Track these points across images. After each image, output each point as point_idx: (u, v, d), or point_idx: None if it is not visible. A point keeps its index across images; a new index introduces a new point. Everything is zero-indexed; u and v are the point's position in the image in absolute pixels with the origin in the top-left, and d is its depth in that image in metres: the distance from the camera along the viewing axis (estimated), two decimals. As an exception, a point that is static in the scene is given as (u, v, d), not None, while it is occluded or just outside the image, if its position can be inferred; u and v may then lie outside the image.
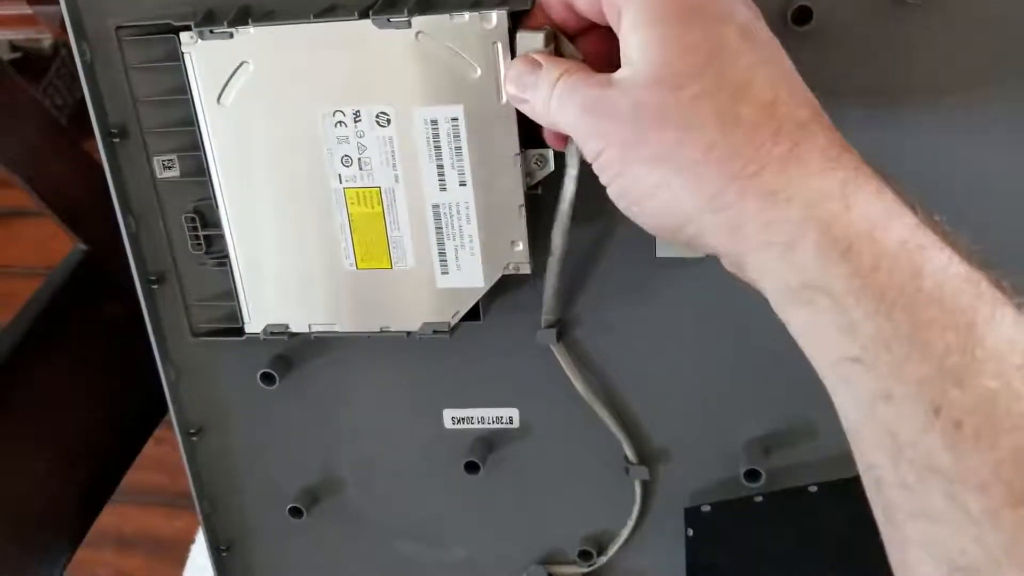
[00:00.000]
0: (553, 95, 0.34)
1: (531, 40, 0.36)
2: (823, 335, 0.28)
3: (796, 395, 0.45)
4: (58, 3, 0.40)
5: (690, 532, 0.47)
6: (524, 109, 0.36)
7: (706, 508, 0.47)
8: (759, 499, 0.46)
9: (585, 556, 0.50)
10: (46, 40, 1.39)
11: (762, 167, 0.29)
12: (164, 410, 0.73)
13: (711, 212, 0.30)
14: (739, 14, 0.31)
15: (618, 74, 0.32)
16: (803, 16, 0.38)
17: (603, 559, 0.49)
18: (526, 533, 0.50)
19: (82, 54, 0.41)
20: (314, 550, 0.52)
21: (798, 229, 0.28)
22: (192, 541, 0.63)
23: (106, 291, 0.62)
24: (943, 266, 0.27)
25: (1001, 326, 0.26)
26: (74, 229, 0.59)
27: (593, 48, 0.36)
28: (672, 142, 0.30)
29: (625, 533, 0.49)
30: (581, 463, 0.48)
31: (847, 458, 0.45)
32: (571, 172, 0.38)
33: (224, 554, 0.52)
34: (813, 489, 0.45)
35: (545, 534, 0.50)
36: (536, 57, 0.35)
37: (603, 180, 0.33)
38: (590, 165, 0.34)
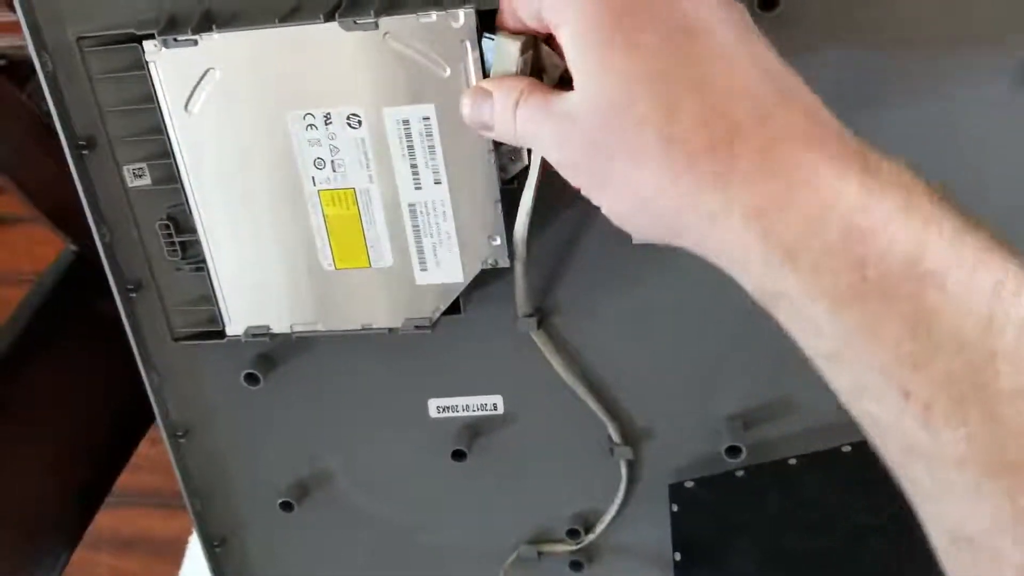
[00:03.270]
0: (517, 123, 0.34)
1: (508, 46, 0.35)
2: (798, 334, 0.29)
3: (775, 370, 0.45)
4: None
5: (675, 508, 0.48)
6: (490, 136, 0.36)
7: (689, 484, 0.48)
8: (741, 473, 0.47)
9: (573, 535, 0.51)
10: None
11: (701, 190, 0.29)
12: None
13: (677, 235, 0.31)
14: (677, 11, 0.30)
15: (568, 102, 0.31)
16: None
17: (591, 536, 0.51)
18: (515, 515, 0.51)
19: (43, 65, 0.40)
20: (307, 541, 0.52)
21: (742, 246, 0.28)
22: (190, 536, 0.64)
23: (98, 291, 0.62)
24: (887, 247, 0.26)
25: (951, 301, 0.26)
26: (64, 230, 0.60)
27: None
28: (626, 176, 0.30)
29: (612, 511, 0.50)
30: (566, 445, 0.49)
31: (825, 430, 0.46)
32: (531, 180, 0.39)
33: (218, 550, 0.52)
34: (793, 462, 0.46)
35: (533, 515, 0.51)
36: (483, 86, 0.35)
37: (587, 196, 0.33)
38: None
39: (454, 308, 0.44)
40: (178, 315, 0.46)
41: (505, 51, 0.35)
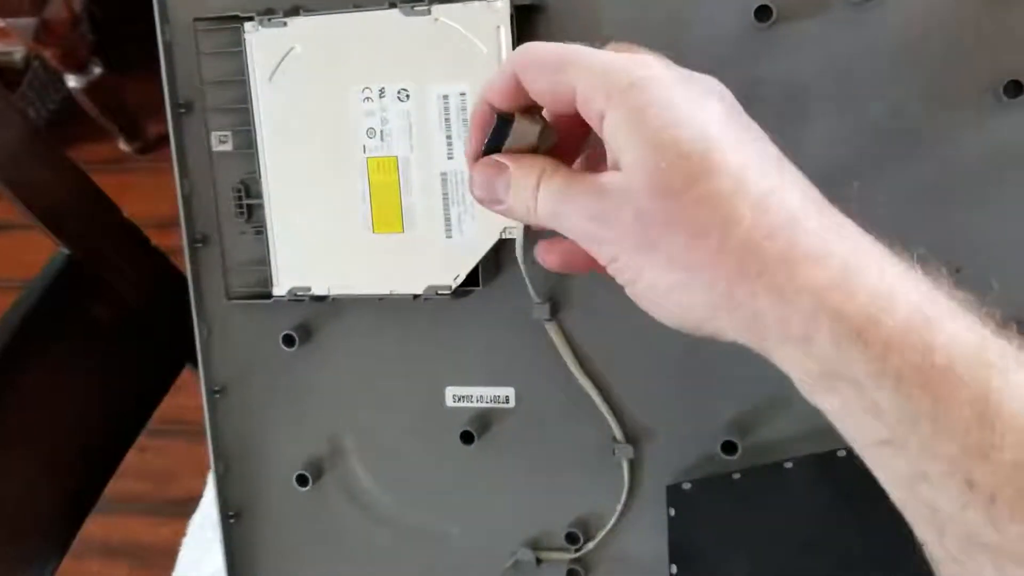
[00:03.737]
0: (538, 201, 0.34)
1: (527, 130, 0.35)
2: (853, 420, 0.29)
3: (775, 372, 0.47)
4: (31, 15, 0.48)
5: (672, 512, 0.48)
6: (499, 211, 0.36)
7: (687, 486, 0.48)
8: (737, 476, 0.47)
9: (572, 539, 0.51)
10: (18, 53, 1.53)
11: (765, 265, 0.29)
12: (149, 414, 0.76)
13: (727, 311, 0.31)
14: (717, 100, 0.32)
15: (611, 180, 0.32)
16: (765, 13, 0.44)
17: (591, 544, 0.51)
18: (517, 513, 0.52)
19: (163, 35, 0.49)
20: (316, 523, 0.54)
21: (811, 322, 0.29)
22: (179, 546, 0.65)
23: (90, 295, 0.66)
24: (952, 337, 0.28)
25: (1016, 392, 0.27)
26: (56, 234, 0.63)
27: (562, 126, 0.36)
28: (681, 247, 0.30)
29: (613, 518, 0.50)
30: (572, 445, 0.50)
31: (821, 433, 0.47)
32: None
33: (232, 521, 0.55)
34: (788, 465, 0.46)
35: (535, 515, 0.51)
36: (499, 159, 0.35)
37: (620, 282, 0.33)
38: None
39: (474, 281, 0.48)
40: (235, 274, 0.52)
41: (522, 134, 0.35)
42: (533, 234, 0.41)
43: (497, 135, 0.35)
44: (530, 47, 0.34)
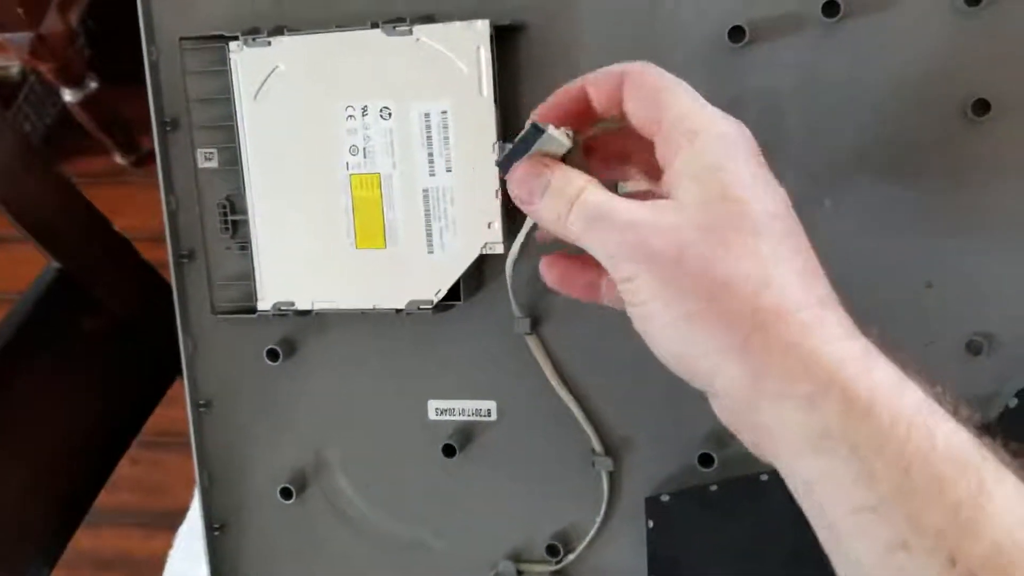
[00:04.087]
0: (572, 212, 0.34)
1: (557, 140, 0.35)
2: (840, 484, 0.30)
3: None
4: (27, 30, 0.49)
5: (650, 524, 0.49)
6: (528, 211, 0.37)
7: (665, 498, 0.49)
8: (714, 488, 0.48)
9: (552, 551, 0.51)
10: (15, 67, 1.53)
11: (792, 322, 0.31)
12: (139, 426, 0.76)
13: (737, 353, 0.31)
14: (780, 186, 0.34)
15: (663, 205, 0.33)
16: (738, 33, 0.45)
17: (571, 556, 0.51)
18: (499, 525, 0.52)
19: (150, 55, 0.50)
20: (300, 535, 0.55)
21: (823, 384, 0.30)
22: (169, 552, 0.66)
23: (81, 308, 0.66)
24: (952, 430, 0.30)
25: (1004, 485, 0.29)
26: (47, 248, 0.64)
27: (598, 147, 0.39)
28: (714, 285, 0.32)
29: (593, 530, 0.51)
30: (552, 457, 0.51)
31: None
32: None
33: (217, 534, 0.55)
34: (764, 477, 0.47)
35: (516, 527, 0.52)
36: (547, 163, 0.36)
37: (626, 299, 0.34)
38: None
39: (455, 296, 0.49)
40: (220, 290, 0.52)
41: (551, 144, 0.36)
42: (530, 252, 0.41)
43: (526, 142, 0.36)
44: (648, 64, 0.36)
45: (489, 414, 0.52)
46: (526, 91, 0.48)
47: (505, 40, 0.47)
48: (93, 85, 1.51)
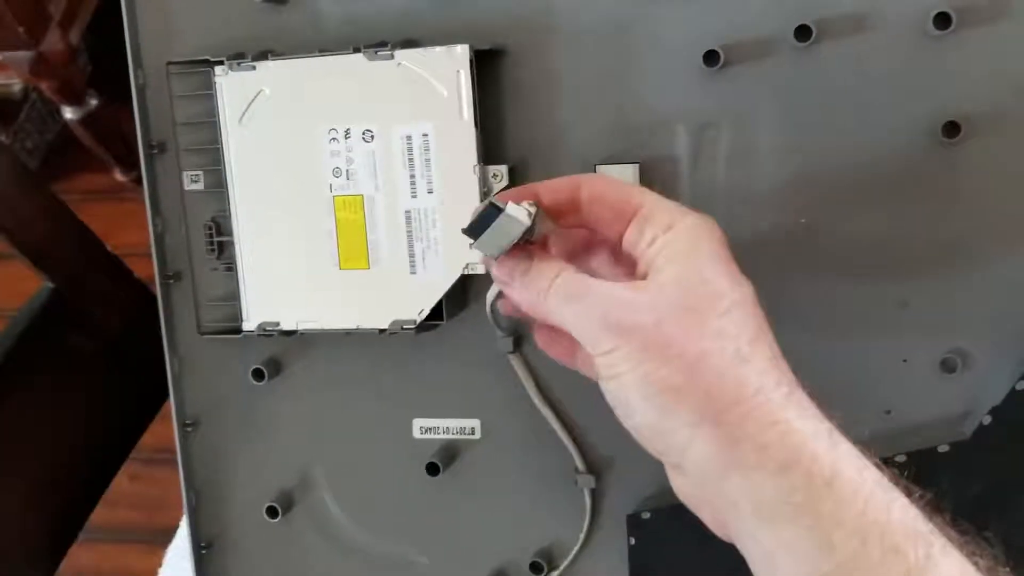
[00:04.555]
0: (551, 290, 0.36)
1: (516, 218, 0.36)
2: (800, 553, 0.32)
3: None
4: (28, 48, 0.50)
5: (632, 540, 0.49)
6: (508, 292, 0.38)
7: (646, 515, 0.49)
8: (694, 505, 0.48)
9: (536, 568, 0.52)
10: (16, 85, 1.54)
11: (767, 399, 0.33)
12: (133, 443, 0.77)
13: (711, 425, 0.33)
14: (747, 290, 0.36)
15: (642, 286, 0.35)
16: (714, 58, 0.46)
17: (554, 574, 0.51)
18: (483, 543, 0.52)
19: (136, 79, 0.51)
20: (287, 554, 0.55)
21: (793, 457, 0.32)
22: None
23: (74, 327, 0.67)
24: (905, 505, 0.32)
25: (950, 556, 0.31)
26: (41, 268, 0.65)
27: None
28: (692, 359, 0.33)
29: (576, 547, 0.51)
30: (536, 475, 0.52)
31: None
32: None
33: (204, 552, 0.56)
34: (744, 495, 0.47)
35: (500, 545, 0.52)
36: (528, 250, 0.37)
37: (602, 371, 0.35)
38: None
39: (438, 316, 0.50)
40: (206, 310, 0.53)
41: (513, 217, 0.36)
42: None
43: (484, 219, 0.36)
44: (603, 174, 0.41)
45: (473, 432, 0.53)
46: (507, 114, 0.49)
47: (486, 64, 0.48)
48: (94, 102, 1.52)
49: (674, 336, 0.33)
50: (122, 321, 0.75)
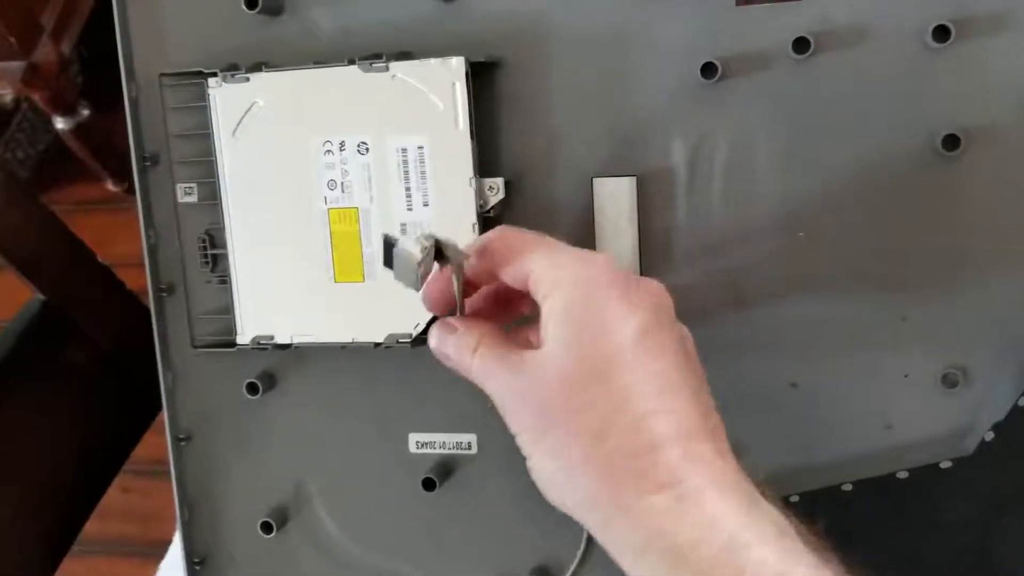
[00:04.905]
0: (474, 363, 0.37)
1: (408, 251, 0.36)
2: None
3: (727, 415, 0.48)
4: (20, 59, 0.49)
5: (630, 557, 0.49)
6: (449, 365, 0.38)
7: (644, 531, 0.49)
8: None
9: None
10: (7, 95, 1.54)
11: (620, 486, 0.32)
12: (125, 456, 0.76)
13: (591, 508, 0.33)
14: (646, 312, 0.34)
15: (531, 360, 0.35)
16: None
17: (552, 589, 0.51)
18: (480, 558, 0.52)
19: (129, 91, 0.50)
20: (281, 569, 0.54)
21: (643, 545, 0.32)
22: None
23: (65, 339, 0.67)
24: (814, 563, 0.31)
25: None
26: (31, 279, 0.65)
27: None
28: (563, 440, 0.33)
29: (574, 564, 0.51)
30: (533, 490, 0.50)
31: (774, 480, 0.48)
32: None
33: (197, 567, 0.55)
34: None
35: (497, 560, 0.52)
36: (451, 322, 0.38)
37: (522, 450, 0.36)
38: None
39: (434, 329, 0.49)
40: (200, 323, 0.52)
41: (406, 251, 0.36)
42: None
43: (386, 253, 0.37)
44: (505, 230, 0.38)
45: (469, 447, 0.52)
46: (503, 126, 0.48)
47: (481, 76, 0.47)
48: (85, 113, 1.52)
49: (550, 423, 0.33)
50: (114, 333, 0.74)
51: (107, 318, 0.74)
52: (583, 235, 0.48)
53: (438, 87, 0.46)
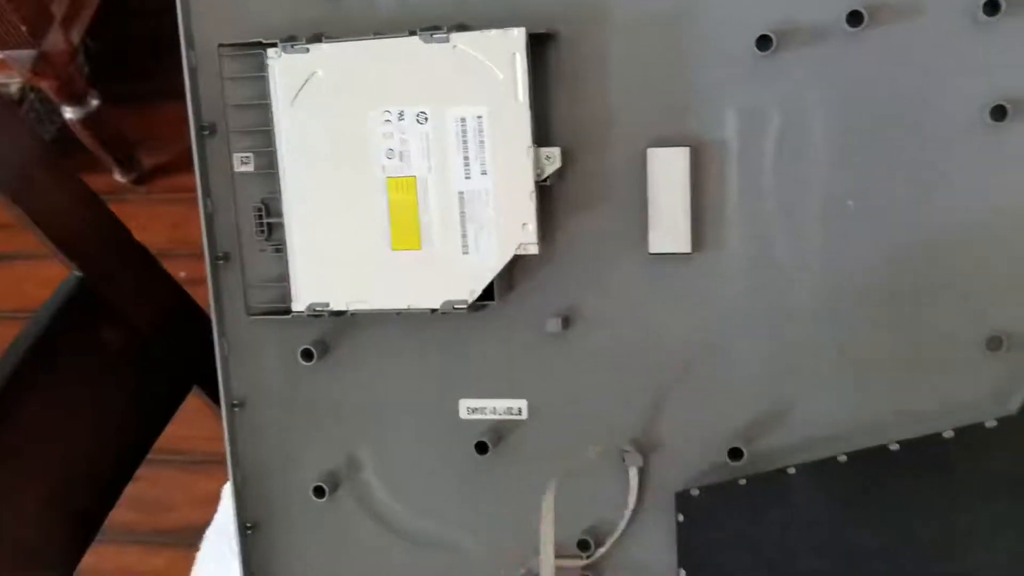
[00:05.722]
0: None
1: None
2: None
3: (778, 382, 0.49)
4: (30, 47, 0.50)
5: (680, 517, 0.50)
6: None
7: (695, 492, 0.50)
8: (743, 481, 0.49)
9: (583, 546, 0.52)
10: (14, 84, 1.54)
11: None
12: (153, 439, 0.76)
13: None
14: None
15: None
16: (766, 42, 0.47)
17: (601, 550, 0.52)
18: (530, 522, 0.53)
19: (188, 60, 0.51)
20: (332, 534, 0.55)
21: None
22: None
23: (101, 318, 0.67)
24: None
25: None
26: (70, 256, 0.65)
27: None
28: None
29: (623, 524, 0.52)
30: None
31: (825, 441, 0.49)
32: None
33: (249, 533, 0.56)
34: (792, 471, 0.48)
35: (546, 524, 0.53)
36: None
37: None
38: None
39: (488, 296, 0.50)
40: (255, 292, 0.53)
41: None
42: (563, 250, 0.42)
43: None
44: None
45: (520, 413, 0.53)
46: (558, 97, 0.50)
47: (536, 48, 0.49)
48: (94, 103, 1.52)
49: None
50: (148, 314, 0.74)
51: (142, 297, 0.75)
52: (636, 205, 0.49)
53: (498, 58, 0.47)
